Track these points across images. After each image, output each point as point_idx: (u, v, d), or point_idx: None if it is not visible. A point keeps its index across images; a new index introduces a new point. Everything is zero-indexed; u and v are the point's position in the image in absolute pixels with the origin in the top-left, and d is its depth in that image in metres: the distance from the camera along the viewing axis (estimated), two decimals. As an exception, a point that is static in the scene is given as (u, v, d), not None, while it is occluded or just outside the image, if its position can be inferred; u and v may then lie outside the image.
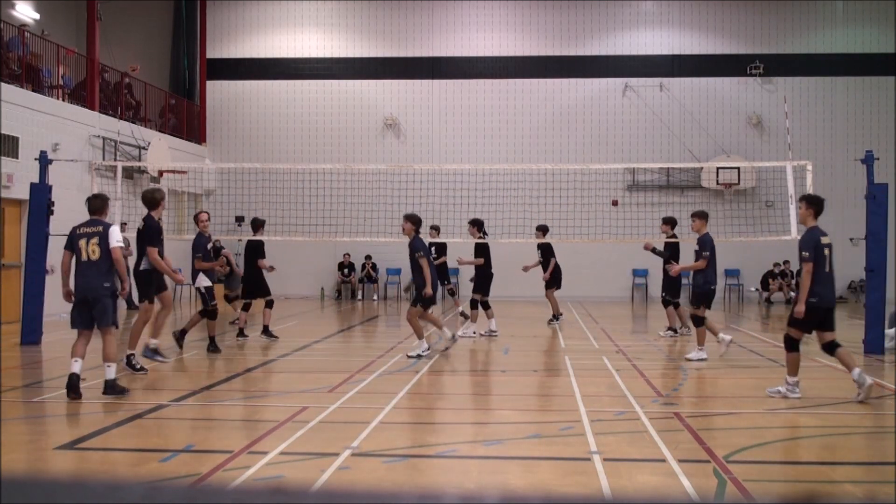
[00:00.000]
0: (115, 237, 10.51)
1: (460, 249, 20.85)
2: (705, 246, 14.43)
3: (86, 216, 10.86)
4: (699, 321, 14.18)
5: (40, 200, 16.19)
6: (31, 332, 15.96)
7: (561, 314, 20.57)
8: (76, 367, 10.34)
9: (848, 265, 30.09)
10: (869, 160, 15.41)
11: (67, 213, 20.34)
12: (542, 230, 19.85)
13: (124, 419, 9.12)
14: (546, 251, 20.03)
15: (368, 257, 30.95)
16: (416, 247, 14.34)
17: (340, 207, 25.39)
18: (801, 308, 10.21)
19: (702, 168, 30.06)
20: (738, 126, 31.50)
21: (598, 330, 19.50)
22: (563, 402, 10.51)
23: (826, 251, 10.38)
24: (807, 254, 10.24)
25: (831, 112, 31.34)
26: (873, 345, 14.80)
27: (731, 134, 31.43)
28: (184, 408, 10.03)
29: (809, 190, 15.48)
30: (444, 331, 15.35)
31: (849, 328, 20.40)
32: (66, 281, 10.86)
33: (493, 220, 22.42)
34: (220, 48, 32.79)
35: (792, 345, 10.54)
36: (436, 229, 20.15)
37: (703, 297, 14.27)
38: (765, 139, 31.31)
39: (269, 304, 17.14)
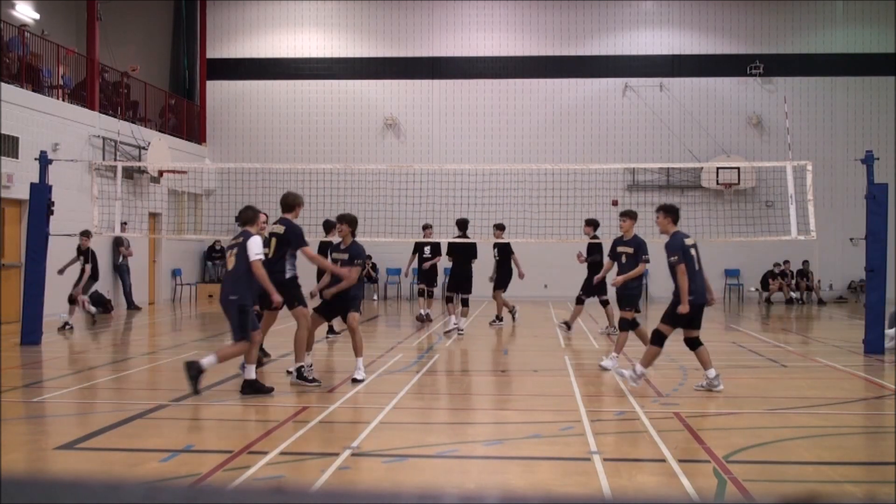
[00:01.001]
0: (254, 250, 10.28)
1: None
2: (644, 249, 13.60)
3: (85, 216, 10.85)
4: (627, 325, 13.30)
5: (40, 200, 16.18)
6: (32, 332, 15.95)
7: (502, 318, 20.22)
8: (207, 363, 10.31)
9: (848, 265, 30.14)
10: (869, 160, 15.40)
11: (67, 214, 20.40)
12: (500, 228, 19.60)
13: (124, 419, 9.12)
14: (504, 250, 19.78)
15: (368, 257, 30.91)
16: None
17: (340, 207, 25.24)
18: (685, 308, 10.62)
19: (702, 168, 30.06)
20: (738, 126, 31.50)
21: (598, 330, 19.48)
22: (563, 402, 10.51)
23: (693, 251, 10.86)
24: (675, 258, 10.70)
25: (831, 112, 31.34)
26: (873, 345, 14.79)
27: (731, 134, 31.43)
28: (183, 408, 10.02)
29: (810, 190, 15.49)
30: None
31: (849, 328, 20.41)
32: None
33: (492, 220, 22.38)
34: (220, 48, 32.78)
35: (660, 340, 11.02)
36: (429, 228, 20.01)
37: (629, 298, 13.48)
38: (765, 139, 31.31)
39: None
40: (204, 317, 23.83)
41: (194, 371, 10.16)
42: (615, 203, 30.17)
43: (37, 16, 26.53)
